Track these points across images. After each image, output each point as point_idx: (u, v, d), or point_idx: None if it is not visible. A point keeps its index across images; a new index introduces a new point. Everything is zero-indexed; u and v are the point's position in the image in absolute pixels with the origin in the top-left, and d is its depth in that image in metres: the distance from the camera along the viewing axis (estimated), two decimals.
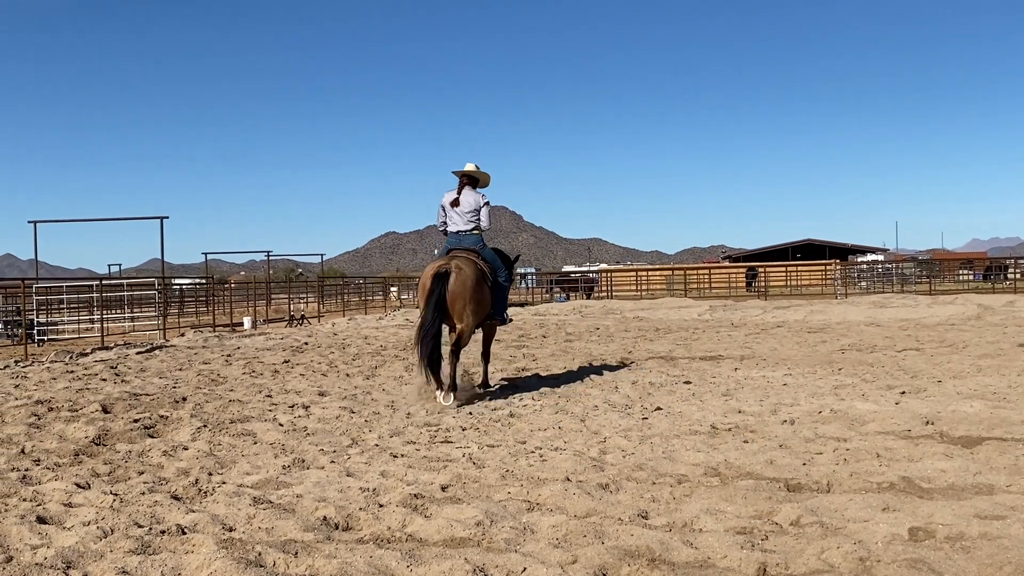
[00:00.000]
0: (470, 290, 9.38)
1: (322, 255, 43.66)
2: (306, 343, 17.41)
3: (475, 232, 10.07)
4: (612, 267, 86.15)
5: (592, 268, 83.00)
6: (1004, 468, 5.60)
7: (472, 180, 10.20)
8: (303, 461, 6.28)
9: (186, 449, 6.70)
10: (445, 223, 10.21)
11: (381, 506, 4.97)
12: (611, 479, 5.54)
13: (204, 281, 34.59)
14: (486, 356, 10.59)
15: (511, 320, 11.29)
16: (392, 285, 48.38)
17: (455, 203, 10.05)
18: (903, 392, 8.86)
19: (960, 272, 50.45)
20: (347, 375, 11.66)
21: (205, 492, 5.40)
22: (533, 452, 6.48)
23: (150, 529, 4.50)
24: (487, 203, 10.13)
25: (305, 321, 26.81)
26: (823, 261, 56.11)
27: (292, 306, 29.62)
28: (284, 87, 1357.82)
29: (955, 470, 5.54)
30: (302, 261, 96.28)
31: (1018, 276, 45.86)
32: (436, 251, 10.66)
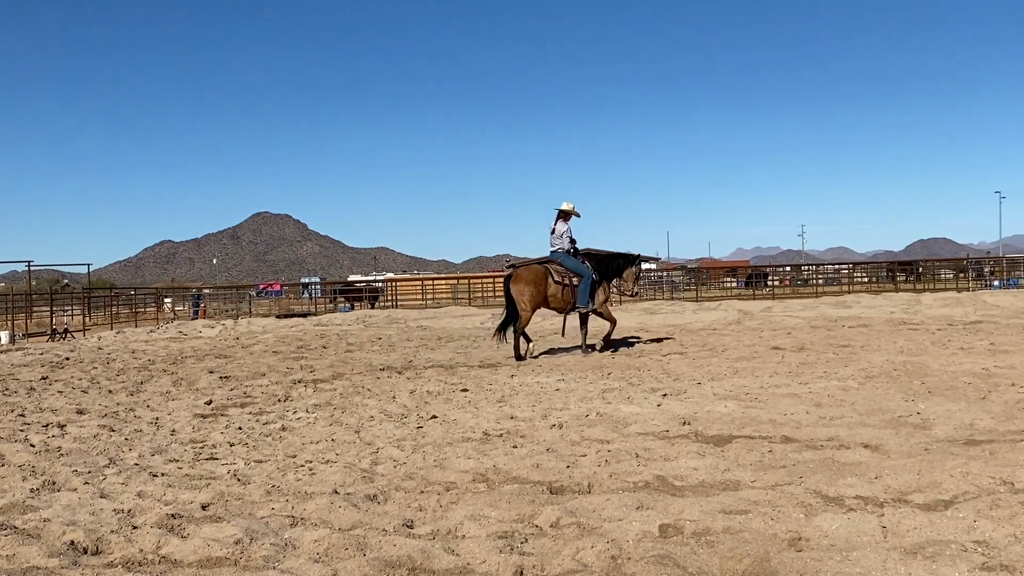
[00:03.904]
0: (522, 287, 14.48)
1: (89, 265, 41.26)
2: (68, 358, 16.45)
3: (560, 250, 14.96)
4: (398, 276, 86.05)
5: (378, 277, 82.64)
6: (750, 465, 5.97)
7: (565, 213, 14.94)
8: (54, 483, 5.92)
9: None
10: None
11: (135, 528, 4.74)
12: (380, 490, 5.52)
13: None
14: (583, 329, 15.33)
15: (593, 308, 15.13)
16: (166, 296, 46.31)
17: (552, 231, 15.03)
18: (665, 395, 9.30)
19: (725, 280, 53.37)
20: (110, 391, 11.08)
21: None
22: (303, 466, 6.37)
23: None
24: (569, 229, 14.94)
25: (69, 335, 25.34)
26: None
27: (55, 319, 27.87)
28: (40, 79, 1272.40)
29: (706, 468, 5.86)
30: (68, 271, 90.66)
31: (776, 283, 49.17)
32: None
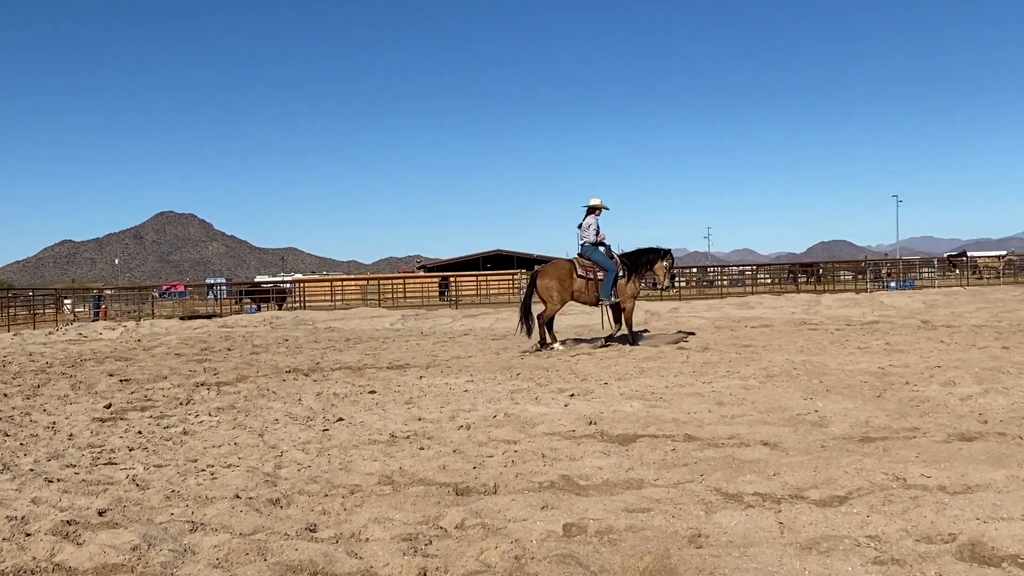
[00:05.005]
0: (546, 281, 15.46)
1: None
2: None
3: (587, 244, 15.69)
4: (307, 277, 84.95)
5: (286, 278, 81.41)
6: (654, 463, 6.05)
7: (593, 208, 15.72)
8: None
9: None
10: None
11: (28, 535, 4.61)
12: (283, 494, 5.45)
13: None
14: (617, 320, 15.98)
15: (617, 300, 15.66)
16: (66, 297, 44.96)
17: (580, 226, 15.81)
18: (572, 395, 9.36)
19: None
20: (5, 395, 10.71)
21: None
22: (204, 470, 6.25)
23: None
24: (597, 224, 15.63)
25: None
26: (511, 271, 58.18)
27: None
28: None
29: (611, 467, 5.93)
30: None
31: (683, 284, 49.96)
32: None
